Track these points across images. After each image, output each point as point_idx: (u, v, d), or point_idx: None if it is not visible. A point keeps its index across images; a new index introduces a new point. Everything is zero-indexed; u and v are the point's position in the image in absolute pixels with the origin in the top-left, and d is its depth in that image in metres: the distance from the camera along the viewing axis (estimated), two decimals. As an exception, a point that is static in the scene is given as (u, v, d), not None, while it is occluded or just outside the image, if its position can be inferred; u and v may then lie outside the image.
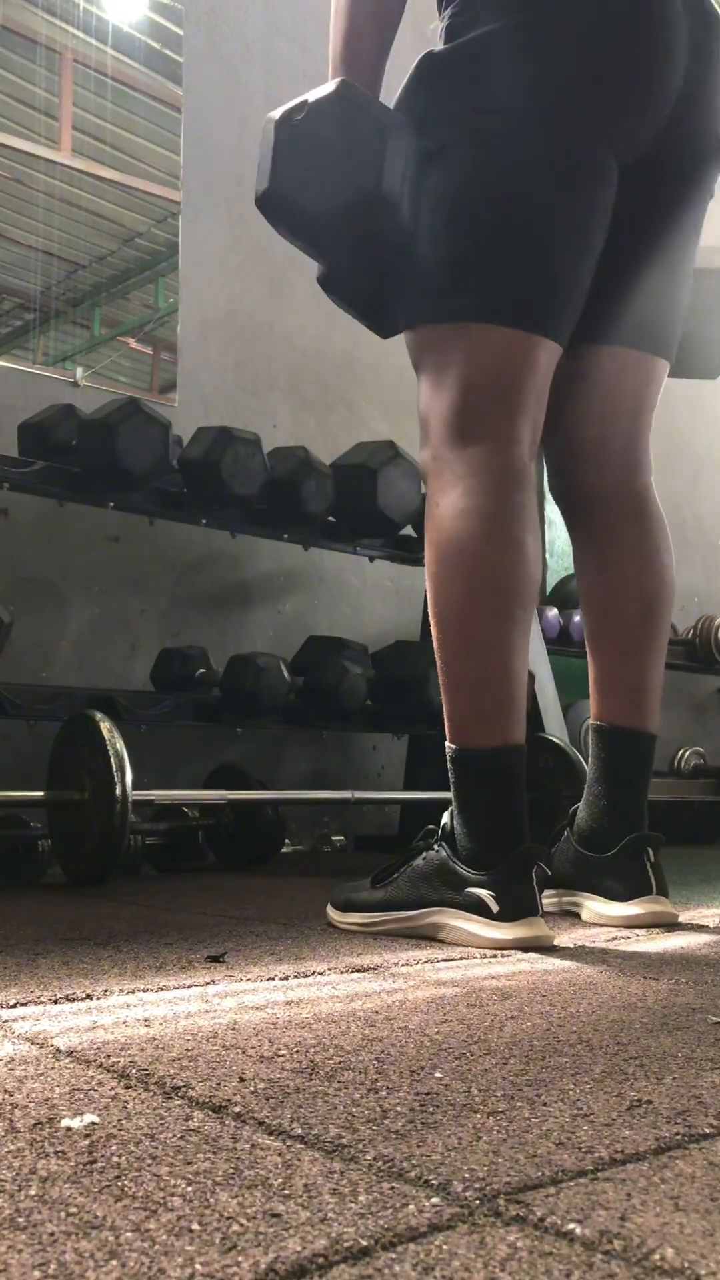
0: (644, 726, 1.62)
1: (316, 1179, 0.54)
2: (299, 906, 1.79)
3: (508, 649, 1.40)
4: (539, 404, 1.48)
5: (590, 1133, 0.62)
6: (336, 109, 1.43)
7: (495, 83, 1.43)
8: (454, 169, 1.44)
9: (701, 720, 4.62)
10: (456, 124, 1.45)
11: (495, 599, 1.40)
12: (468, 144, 1.44)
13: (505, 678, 1.40)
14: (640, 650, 1.63)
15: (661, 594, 1.64)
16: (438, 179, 1.45)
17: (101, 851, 2.09)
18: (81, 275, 3.24)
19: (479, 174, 1.44)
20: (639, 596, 1.63)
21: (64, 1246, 0.46)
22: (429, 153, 1.46)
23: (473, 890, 1.35)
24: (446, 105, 1.46)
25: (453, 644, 1.42)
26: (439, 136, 1.45)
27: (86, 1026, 0.90)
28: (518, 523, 1.41)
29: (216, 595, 3.19)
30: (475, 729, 1.40)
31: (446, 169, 1.45)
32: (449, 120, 1.45)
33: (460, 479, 1.43)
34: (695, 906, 1.80)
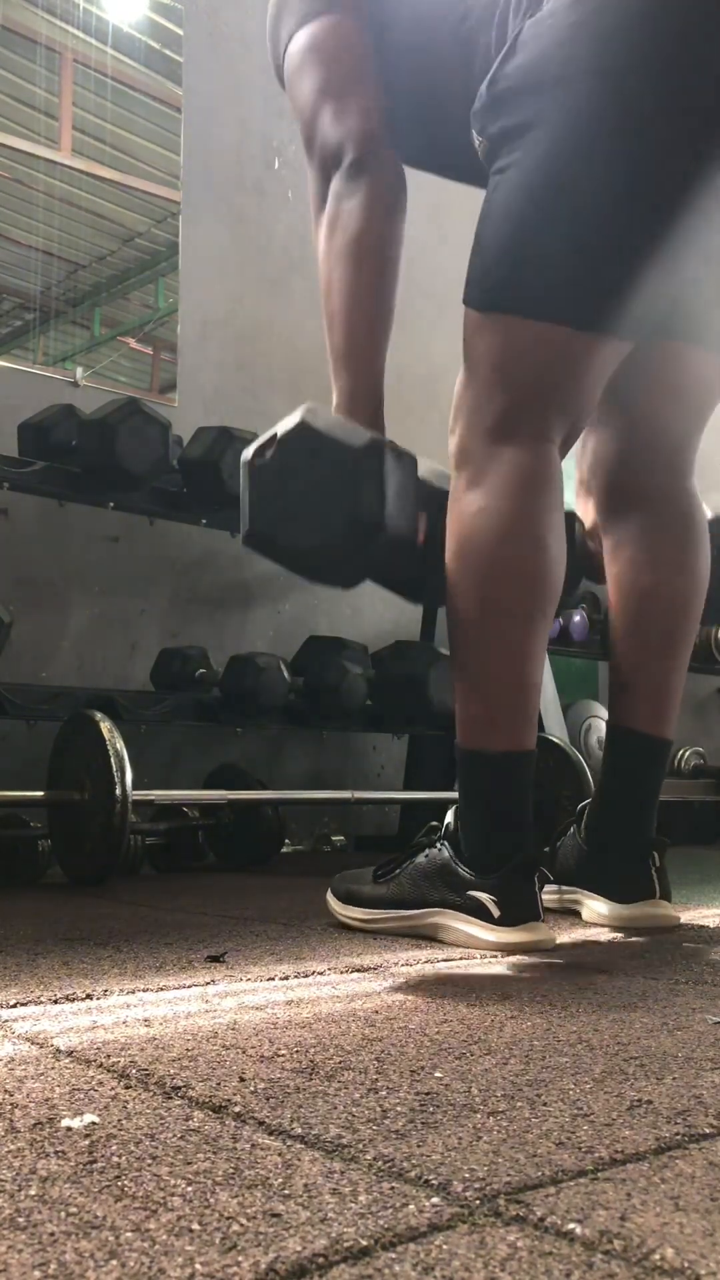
0: (661, 733, 1.60)
1: (316, 1179, 0.54)
2: (299, 906, 1.79)
3: (524, 653, 1.36)
4: (587, 404, 1.41)
5: (590, 1133, 0.62)
6: (304, 442, 1.37)
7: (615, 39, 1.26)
8: (542, 148, 1.30)
9: (701, 720, 4.62)
10: (554, 93, 1.28)
11: (514, 601, 1.36)
12: (565, 121, 1.28)
13: (519, 682, 1.37)
14: (668, 656, 1.60)
15: (696, 601, 1.60)
16: (523, 160, 1.32)
17: (101, 851, 2.09)
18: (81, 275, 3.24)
19: (569, 159, 1.29)
20: (672, 600, 1.59)
21: (64, 1246, 0.46)
22: (514, 130, 1.32)
23: (474, 893, 1.35)
24: (537, 74, 1.29)
25: (468, 643, 1.39)
26: (528, 109, 1.30)
27: (86, 1026, 0.90)
28: (541, 524, 1.36)
29: (216, 595, 3.19)
30: (486, 731, 1.37)
31: (533, 148, 1.30)
32: (539, 91, 1.29)
33: (487, 475, 1.37)
34: (695, 906, 1.80)
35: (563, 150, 1.30)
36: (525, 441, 1.36)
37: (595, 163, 1.29)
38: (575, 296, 1.34)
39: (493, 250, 1.37)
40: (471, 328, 1.40)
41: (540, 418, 1.37)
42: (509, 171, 1.34)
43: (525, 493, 1.36)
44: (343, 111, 1.52)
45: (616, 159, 1.28)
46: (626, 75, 1.27)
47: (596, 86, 1.27)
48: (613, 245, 1.31)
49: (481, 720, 1.38)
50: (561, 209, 1.32)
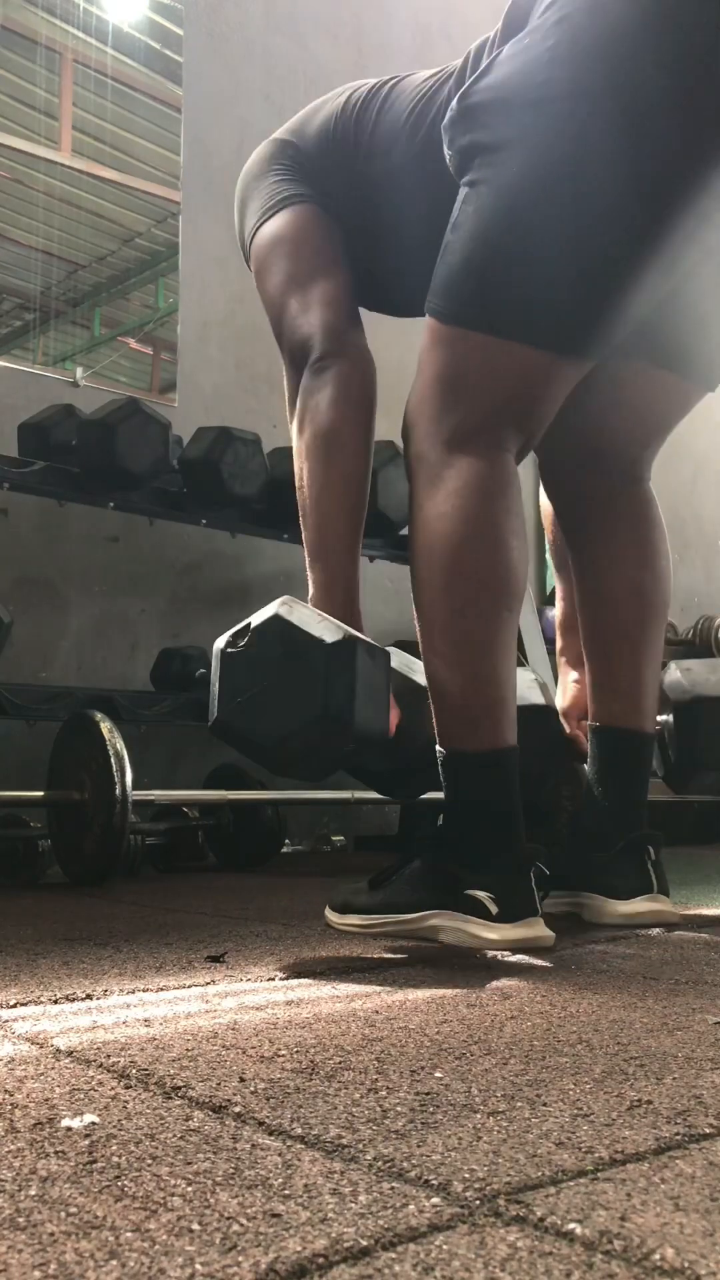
0: (641, 727, 1.62)
1: (316, 1179, 0.54)
2: (299, 906, 1.79)
3: (495, 651, 1.38)
4: (545, 419, 1.42)
5: (590, 1133, 0.62)
6: (275, 634, 1.36)
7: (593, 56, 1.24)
8: (518, 168, 1.29)
9: (701, 720, 4.62)
10: (533, 115, 1.27)
11: (482, 602, 1.37)
12: (542, 143, 1.27)
13: (493, 680, 1.38)
14: (637, 652, 1.62)
15: (659, 596, 1.63)
16: (496, 180, 1.31)
17: (101, 851, 2.09)
18: (81, 275, 3.25)
19: (545, 180, 1.28)
20: (637, 598, 1.62)
21: (64, 1246, 0.46)
22: (487, 146, 1.31)
23: (471, 892, 1.35)
24: (512, 93, 1.29)
25: (438, 647, 1.40)
26: (505, 128, 1.30)
27: (86, 1026, 0.90)
28: (503, 525, 1.38)
29: (216, 595, 3.19)
30: (464, 733, 1.38)
31: (508, 166, 1.29)
32: (523, 110, 1.28)
33: (446, 481, 1.38)
34: (695, 906, 1.80)
35: (537, 173, 1.28)
36: (481, 451, 1.38)
37: (568, 188, 1.28)
38: (543, 318, 1.34)
39: (461, 265, 1.36)
40: (435, 338, 1.40)
41: (496, 431, 1.38)
42: (481, 188, 1.33)
43: (484, 497, 1.37)
44: (308, 304, 1.54)
45: (590, 185, 1.27)
46: (602, 101, 1.24)
47: (572, 110, 1.25)
48: (583, 269, 1.30)
49: (459, 722, 1.39)
50: (533, 231, 1.30)
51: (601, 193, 1.27)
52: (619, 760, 1.62)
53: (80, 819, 2.14)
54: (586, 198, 1.27)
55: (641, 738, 1.62)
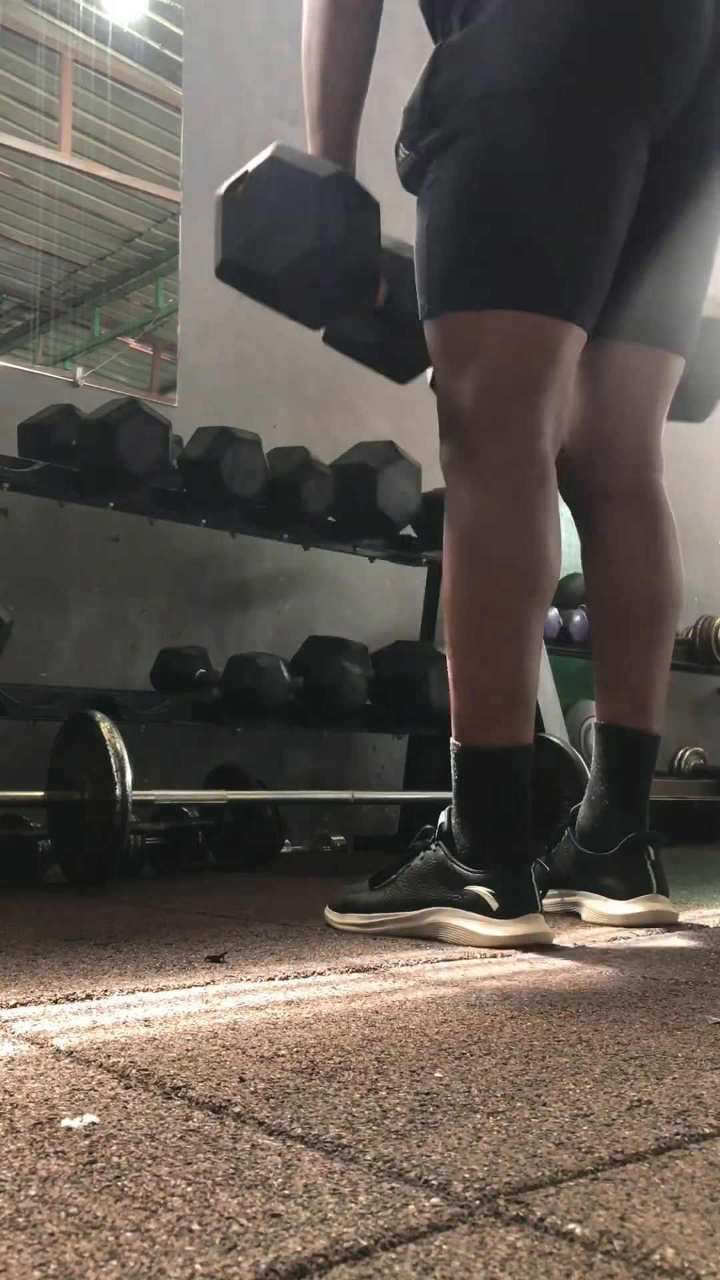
0: (648, 727, 1.61)
1: (316, 1179, 0.54)
2: (299, 906, 1.79)
3: (522, 648, 1.38)
4: (563, 394, 1.44)
5: (590, 1133, 0.62)
6: (272, 173, 1.46)
7: (509, 61, 1.36)
8: (471, 152, 1.38)
9: (701, 720, 4.62)
10: (473, 106, 1.38)
11: (513, 596, 1.38)
12: (484, 127, 1.38)
13: (517, 676, 1.38)
14: (646, 650, 1.61)
15: (669, 594, 1.62)
16: (453, 165, 1.40)
17: (101, 851, 2.09)
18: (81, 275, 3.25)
19: (499, 154, 1.38)
20: (647, 596, 1.61)
21: (64, 1246, 0.46)
22: (442, 140, 1.40)
23: (471, 888, 1.35)
24: (462, 88, 1.39)
25: (465, 639, 1.40)
26: (454, 121, 1.39)
27: (86, 1026, 0.90)
28: (540, 520, 1.38)
29: (216, 595, 3.19)
30: (482, 727, 1.39)
31: (463, 153, 1.39)
32: (465, 103, 1.39)
33: (482, 474, 1.39)
34: (695, 906, 1.80)
35: (490, 159, 1.38)
36: (517, 438, 1.39)
37: (520, 168, 1.38)
38: (524, 283, 1.40)
39: (439, 254, 1.43)
40: (439, 336, 1.45)
41: (531, 412, 1.39)
42: (443, 183, 1.42)
43: (522, 489, 1.38)
44: None
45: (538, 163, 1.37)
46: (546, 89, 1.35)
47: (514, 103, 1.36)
48: (548, 237, 1.39)
49: (478, 715, 1.39)
50: (498, 209, 1.39)
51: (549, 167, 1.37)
52: (623, 760, 1.61)
53: (80, 819, 2.14)
54: (533, 173, 1.37)
55: (647, 738, 1.62)
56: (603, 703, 1.64)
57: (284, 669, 2.68)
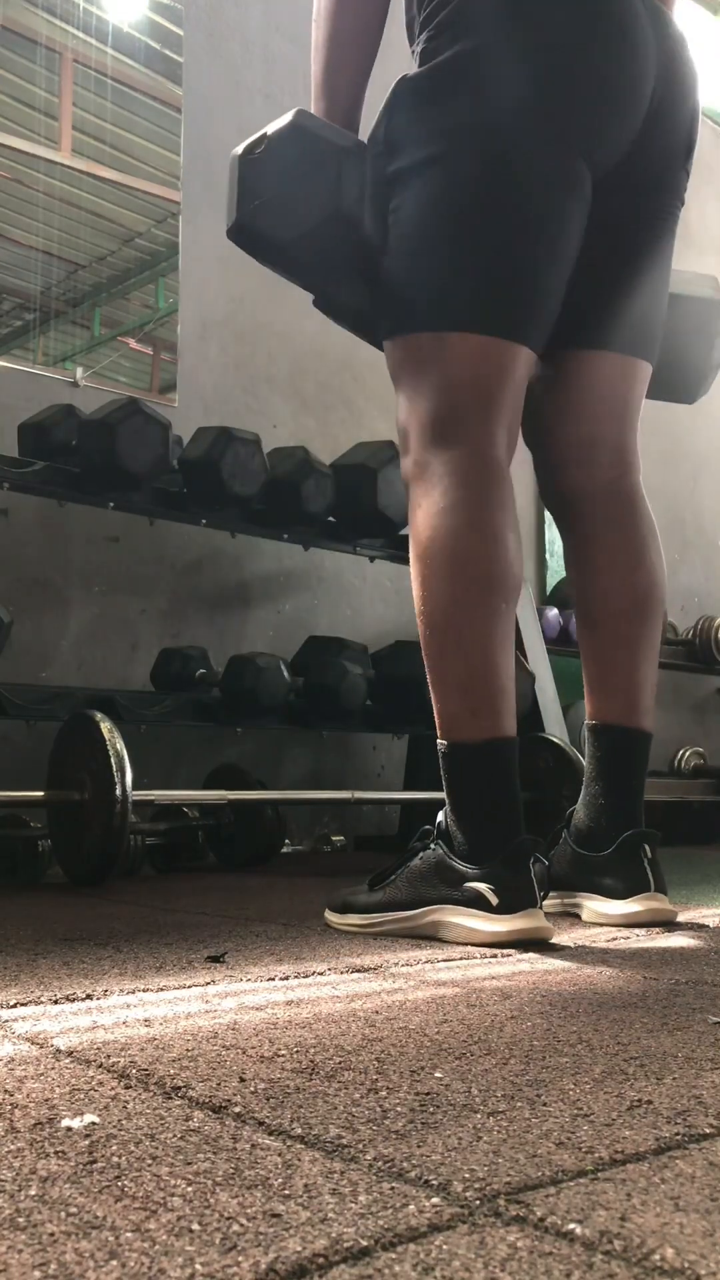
0: (638, 725, 1.63)
1: (316, 1179, 0.54)
2: (299, 906, 1.79)
3: (492, 642, 1.42)
4: (515, 410, 1.51)
5: (590, 1133, 0.62)
6: (293, 138, 1.47)
7: (466, 99, 1.45)
8: (429, 184, 1.46)
9: (701, 720, 4.62)
10: (430, 141, 1.46)
11: (478, 593, 1.42)
12: (441, 159, 1.45)
13: (492, 670, 1.42)
14: (632, 649, 1.64)
15: (652, 593, 1.65)
16: (413, 195, 1.47)
17: (101, 851, 2.09)
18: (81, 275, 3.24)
19: (453, 187, 1.45)
20: (630, 595, 1.64)
21: (64, 1246, 0.46)
22: (404, 171, 1.48)
23: (471, 885, 1.36)
24: (420, 124, 1.47)
25: (439, 640, 1.44)
26: (413, 154, 1.47)
27: (86, 1026, 0.90)
28: (497, 519, 1.44)
29: (216, 595, 3.19)
30: (465, 723, 1.41)
31: (422, 184, 1.46)
32: (423, 138, 1.47)
33: (440, 480, 1.45)
34: (695, 906, 1.80)
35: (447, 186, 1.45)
36: (468, 445, 1.46)
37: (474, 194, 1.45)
38: (475, 306, 1.46)
39: (400, 279, 1.49)
40: (397, 356, 1.52)
41: (485, 424, 1.46)
42: (404, 210, 1.48)
43: (480, 491, 1.44)
44: None
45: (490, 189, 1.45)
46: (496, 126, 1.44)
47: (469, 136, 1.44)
48: (493, 260, 1.46)
49: (460, 712, 1.42)
50: (456, 231, 1.46)
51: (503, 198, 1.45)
52: (616, 758, 1.62)
53: (80, 819, 2.14)
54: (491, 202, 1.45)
55: (638, 736, 1.63)
56: (593, 702, 1.66)
57: (284, 669, 2.68)
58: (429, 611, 1.45)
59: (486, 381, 1.46)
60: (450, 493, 1.44)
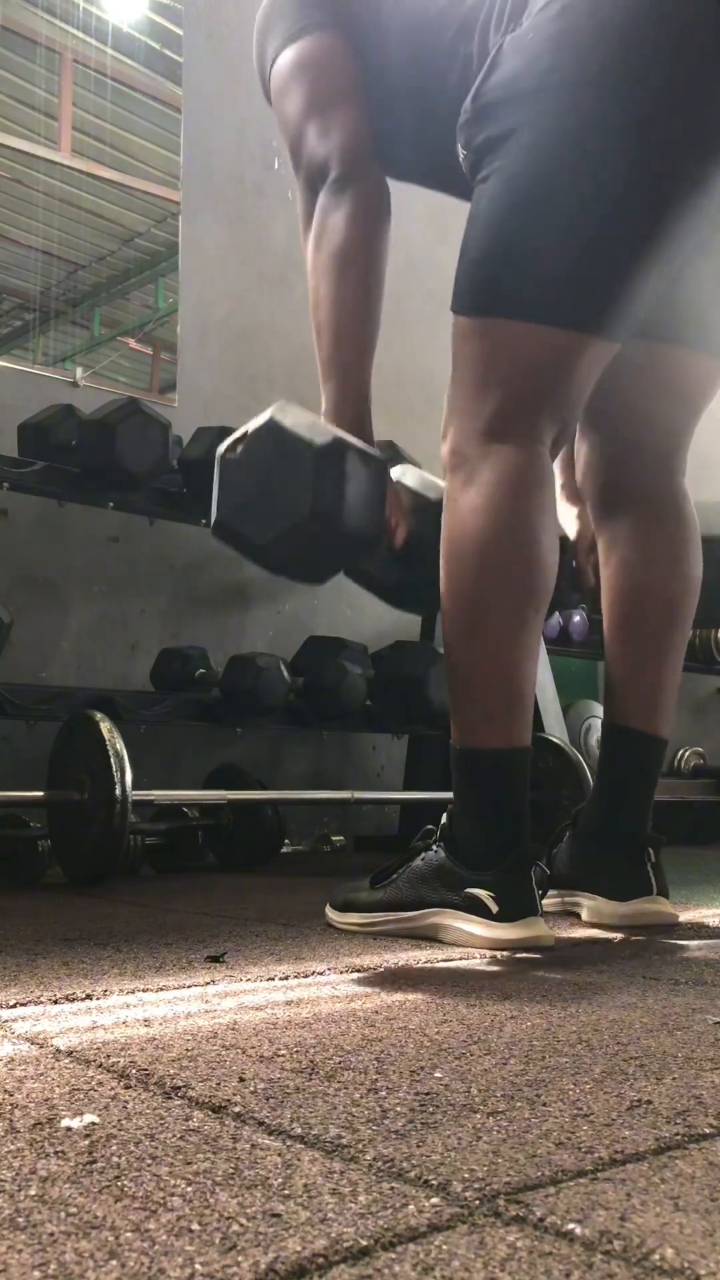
0: (656, 730, 1.60)
1: (316, 1179, 0.54)
2: (299, 906, 1.79)
3: (518, 650, 1.38)
4: (576, 404, 1.42)
5: (590, 1133, 0.62)
6: (269, 437, 1.42)
7: (569, 47, 1.29)
8: (519, 153, 1.33)
9: (701, 720, 4.62)
10: (527, 101, 1.32)
11: (508, 598, 1.37)
12: (538, 122, 1.31)
13: (514, 678, 1.38)
14: (660, 654, 1.61)
15: (687, 599, 1.61)
16: (502, 164, 1.35)
17: (101, 851, 2.09)
18: (81, 275, 3.24)
19: (548, 157, 1.32)
20: (665, 599, 1.60)
21: (64, 1246, 0.46)
22: (495, 138, 1.35)
23: (472, 891, 1.35)
24: (516, 83, 1.32)
25: (462, 641, 1.40)
26: (508, 118, 1.34)
27: (86, 1026, 0.90)
28: (535, 523, 1.38)
29: (216, 595, 3.19)
30: (482, 729, 1.39)
31: (513, 153, 1.33)
32: (518, 99, 1.32)
33: (480, 475, 1.39)
34: (695, 906, 1.80)
35: (543, 155, 1.33)
36: (516, 441, 1.38)
37: (575, 166, 1.32)
38: (560, 297, 1.36)
39: (478, 256, 1.39)
40: (460, 334, 1.42)
41: (530, 418, 1.39)
42: (491, 180, 1.37)
43: (517, 492, 1.38)
44: (328, 127, 1.55)
45: (595, 163, 1.31)
46: (603, 83, 1.29)
47: (575, 95, 1.30)
48: (595, 246, 1.33)
49: (478, 718, 1.39)
50: (544, 211, 1.34)
51: (603, 175, 1.31)
52: (628, 762, 1.61)
53: (80, 819, 2.14)
54: (589, 180, 1.31)
55: (654, 742, 1.61)
56: (613, 704, 1.63)
57: (284, 669, 2.68)
58: (454, 611, 1.40)
59: (549, 378, 1.37)
60: (490, 490, 1.37)
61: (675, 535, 1.62)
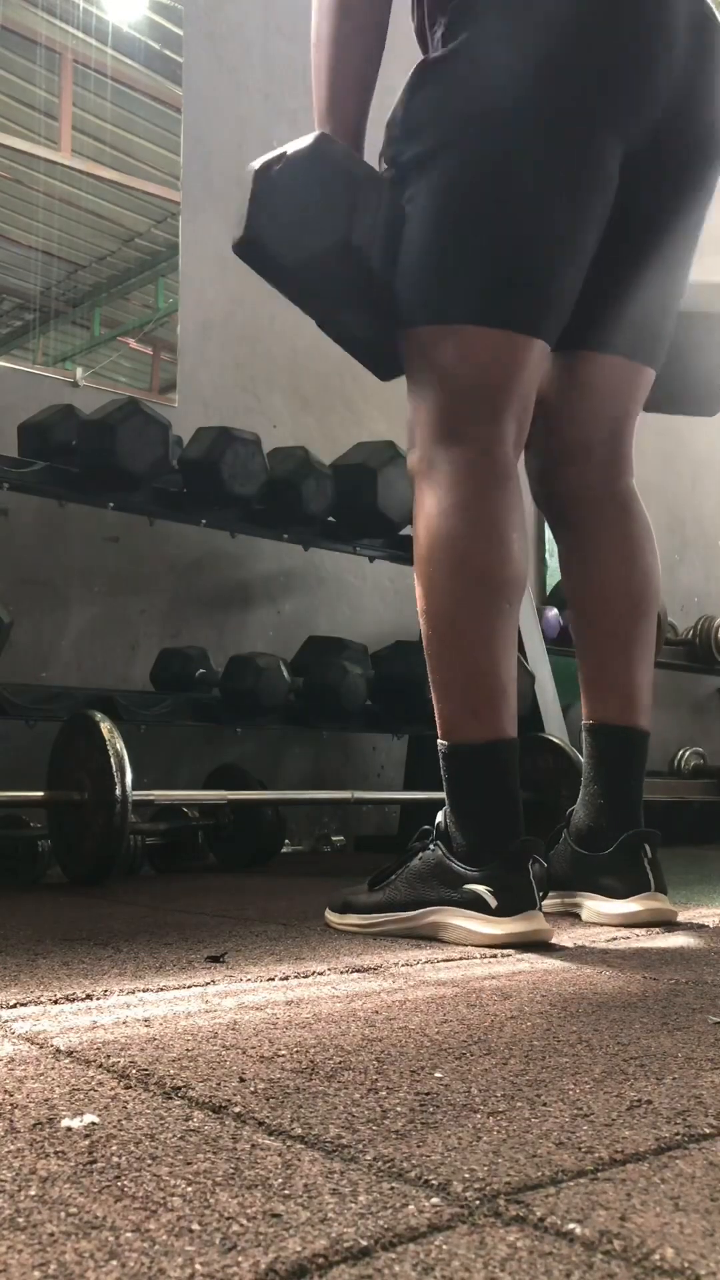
0: (635, 723, 1.63)
1: (316, 1179, 0.54)
2: (299, 906, 1.79)
3: (495, 643, 1.42)
4: (525, 404, 1.49)
5: (590, 1133, 0.62)
6: (312, 161, 1.46)
7: (488, 80, 1.41)
8: (447, 170, 1.43)
9: (701, 720, 4.62)
10: (449, 124, 1.43)
11: (482, 594, 1.41)
12: (460, 144, 1.42)
13: (493, 671, 1.41)
14: (628, 649, 1.64)
15: (647, 593, 1.65)
16: (430, 181, 1.44)
17: (101, 851, 2.09)
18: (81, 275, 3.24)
19: (471, 173, 1.43)
20: (625, 595, 1.64)
21: (64, 1246, 0.46)
22: (420, 156, 1.45)
23: (470, 886, 1.35)
24: (439, 106, 1.44)
25: (441, 640, 1.43)
26: (433, 138, 1.44)
27: (86, 1026, 0.90)
28: (503, 519, 1.43)
29: (216, 595, 3.19)
30: (465, 724, 1.41)
31: (439, 170, 1.44)
32: (442, 121, 1.44)
33: (446, 478, 1.44)
34: (695, 906, 1.80)
35: (469, 171, 1.43)
36: (474, 442, 1.44)
37: (497, 179, 1.42)
38: (493, 299, 1.44)
39: (413, 268, 1.47)
40: (409, 346, 1.50)
41: (493, 420, 1.45)
42: (421, 198, 1.45)
43: (486, 491, 1.43)
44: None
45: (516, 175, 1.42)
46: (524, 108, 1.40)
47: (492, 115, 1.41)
48: (520, 248, 1.43)
49: (461, 713, 1.42)
50: (476, 220, 1.43)
51: (524, 184, 1.42)
52: (614, 758, 1.62)
53: (80, 819, 2.14)
54: (511, 188, 1.42)
55: (636, 734, 1.63)
56: (589, 703, 1.66)
57: (284, 669, 2.68)
58: (432, 611, 1.44)
59: (496, 377, 1.44)
60: (455, 491, 1.43)
61: (630, 531, 1.66)
